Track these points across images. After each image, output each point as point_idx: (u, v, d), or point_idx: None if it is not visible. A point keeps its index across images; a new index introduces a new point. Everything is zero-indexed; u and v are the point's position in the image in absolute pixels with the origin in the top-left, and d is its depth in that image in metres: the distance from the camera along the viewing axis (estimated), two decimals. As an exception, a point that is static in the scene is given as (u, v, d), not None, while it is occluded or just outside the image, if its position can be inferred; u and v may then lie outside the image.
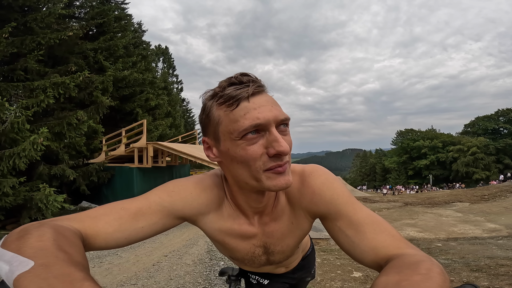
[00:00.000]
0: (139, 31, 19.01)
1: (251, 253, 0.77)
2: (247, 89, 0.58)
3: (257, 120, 0.56)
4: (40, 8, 9.45)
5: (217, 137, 0.62)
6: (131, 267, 4.17)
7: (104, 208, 0.60)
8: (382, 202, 15.97)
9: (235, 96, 0.58)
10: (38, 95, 7.84)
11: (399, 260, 0.51)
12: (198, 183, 0.69)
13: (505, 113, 46.63)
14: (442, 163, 47.85)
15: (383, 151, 65.18)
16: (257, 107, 0.57)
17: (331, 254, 5.15)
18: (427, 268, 0.46)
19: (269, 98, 0.61)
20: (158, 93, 17.25)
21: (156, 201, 0.63)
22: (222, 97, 0.59)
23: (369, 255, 0.59)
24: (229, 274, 1.23)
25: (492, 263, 4.10)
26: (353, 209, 0.64)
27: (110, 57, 12.72)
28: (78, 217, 0.56)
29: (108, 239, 0.57)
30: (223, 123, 0.59)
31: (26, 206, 7.20)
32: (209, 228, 0.73)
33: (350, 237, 0.62)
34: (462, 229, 8.70)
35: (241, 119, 0.57)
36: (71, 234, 0.48)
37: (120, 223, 0.58)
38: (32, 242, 0.41)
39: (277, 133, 0.57)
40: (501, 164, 43.22)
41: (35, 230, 0.44)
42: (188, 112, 34.45)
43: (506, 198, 13.04)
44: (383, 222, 0.63)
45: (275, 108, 0.59)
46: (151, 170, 11.20)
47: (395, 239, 0.59)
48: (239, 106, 0.58)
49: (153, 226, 0.63)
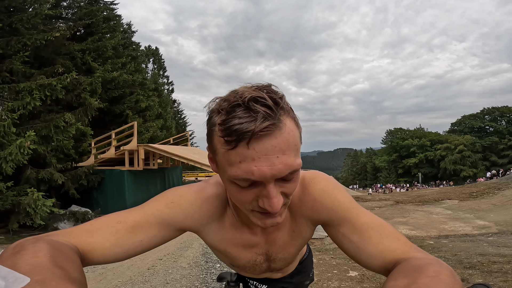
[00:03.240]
0: (129, 32, 18.75)
1: (253, 261, 0.75)
2: (252, 127, 0.44)
3: (251, 176, 0.47)
4: (26, 8, 9.23)
5: (215, 162, 0.55)
6: (126, 271, 4.08)
7: (101, 221, 0.57)
8: (373, 200, 16.16)
9: (234, 133, 0.46)
10: (24, 97, 7.65)
11: (406, 264, 0.50)
12: (199, 192, 0.66)
13: (491, 112, 48.01)
14: (431, 161, 48.87)
15: (374, 150, 66.15)
16: (256, 158, 0.46)
17: (326, 254, 5.16)
18: (435, 271, 0.45)
19: (280, 141, 0.47)
20: (149, 94, 17.05)
21: (154, 214, 0.60)
22: (222, 124, 0.48)
23: (376, 260, 0.58)
24: (228, 280, 1.20)
25: (484, 260, 4.18)
26: (356, 214, 0.63)
27: (98, 58, 12.51)
28: (74, 232, 0.54)
29: (106, 254, 0.55)
30: (218, 156, 0.52)
31: (14, 211, 7.03)
32: (211, 239, 0.71)
33: (355, 243, 0.61)
34: (452, 227, 8.87)
35: (234, 166, 0.48)
36: (68, 250, 0.47)
37: (117, 237, 0.56)
38: (28, 258, 0.40)
39: (272, 191, 0.49)
40: (487, 162, 44.40)
41: (31, 246, 0.43)
42: (179, 113, 34.22)
43: (494, 195, 13.35)
44: (387, 226, 0.62)
45: (281, 159, 0.47)
46: (142, 173, 11.05)
47: (401, 243, 0.58)
48: (236, 149, 0.47)
49: (152, 239, 0.60)
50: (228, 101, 0.48)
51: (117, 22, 15.25)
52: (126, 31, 17.91)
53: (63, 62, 10.29)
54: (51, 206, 7.05)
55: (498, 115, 47.13)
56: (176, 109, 33.27)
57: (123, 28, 17.10)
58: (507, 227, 8.11)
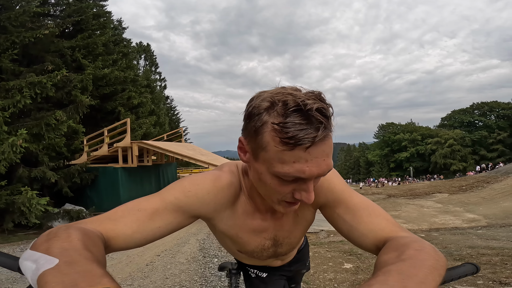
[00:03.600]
0: (119, 29, 18.43)
1: (261, 245, 0.80)
2: (313, 135, 0.49)
3: (302, 175, 0.53)
4: (14, 6, 9.02)
5: (256, 155, 0.58)
6: (125, 268, 4.11)
7: (122, 209, 0.61)
8: (367, 194, 16.39)
9: (294, 138, 0.49)
10: (14, 95, 7.50)
11: (395, 241, 0.56)
12: (215, 181, 0.69)
13: (480, 107, 48.78)
14: (422, 155, 49.61)
15: (366, 145, 66.74)
16: (309, 160, 0.51)
17: (322, 247, 5.26)
18: (420, 246, 0.51)
19: (327, 146, 0.53)
20: (141, 91, 16.84)
21: (172, 202, 0.64)
22: (281, 126, 0.51)
23: (367, 238, 0.64)
24: (229, 268, 1.26)
25: (473, 253, 4.30)
26: (349, 195, 0.69)
27: (88, 55, 12.27)
28: (100, 219, 0.58)
29: (128, 241, 0.59)
30: (268, 153, 0.54)
31: (9, 211, 6.92)
32: (224, 225, 0.74)
33: (348, 222, 0.67)
34: (443, 220, 9.08)
35: (287, 165, 0.52)
36: (94, 236, 0.50)
37: (138, 224, 0.59)
38: (59, 243, 0.43)
39: (311, 187, 0.56)
40: (477, 156, 45.24)
41: (63, 232, 0.46)
42: (172, 109, 33.90)
43: (483, 188, 13.65)
44: (377, 207, 0.68)
45: (327, 161, 0.54)
46: (136, 170, 10.98)
47: (389, 223, 0.64)
48: (292, 151, 0.51)
49: (169, 226, 0.64)
50: (284, 103, 0.52)
51: (107, 19, 14.95)
52: (116, 27, 17.59)
53: (52, 60, 10.08)
54: (45, 204, 6.97)
55: (487, 110, 47.92)
56: (169, 105, 32.95)
57: (113, 25, 16.77)
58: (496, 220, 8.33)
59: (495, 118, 47.85)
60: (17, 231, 7.65)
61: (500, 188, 12.48)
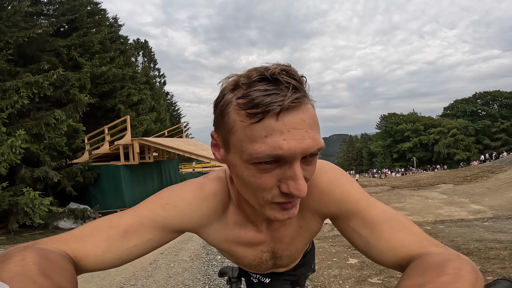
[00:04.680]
0: (115, 26, 18.24)
1: (259, 258, 0.71)
2: (281, 99, 0.41)
3: (279, 151, 0.42)
4: (5, 6, 8.98)
5: (226, 144, 0.50)
6: (128, 267, 4.09)
7: (91, 227, 0.54)
8: (370, 186, 16.33)
9: (261, 105, 0.42)
10: (12, 96, 7.49)
11: (422, 260, 0.47)
12: (198, 191, 0.60)
13: (482, 96, 48.47)
14: (425, 145, 49.40)
15: (369, 136, 66.51)
16: (285, 131, 0.42)
17: (326, 241, 5.20)
18: (455, 267, 0.41)
19: (307, 116, 0.44)
20: (140, 88, 16.75)
21: (148, 216, 0.56)
22: (245, 97, 0.44)
23: (388, 256, 0.54)
24: (230, 276, 1.18)
25: (481, 246, 4.20)
26: (367, 206, 0.58)
27: (85, 53, 12.21)
28: (64, 238, 0.52)
29: (99, 261, 0.52)
30: (236, 134, 0.46)
31: (13, 211, 7.00)
32: (213, 239, 0.66)
33: (365, 238, 0.57)
34: (448, 211, 8.99)
35: (258, 141, 0.43)
36: (57, 257, 0.45)
37: (109, 243, 0.52)
38: (10, 266, 0.39)
39: (298, 171, 0.45)
40: (480, 145, 45.06)
41: (17, 254, 0.41)
42: (173, 105, 33.94)
43: (488, 178, 13.53)
44: (402, 218, 0.57)
45: (310, 134, 0.44)
46: (138, 167, 11.00)
47: (416, 237, 0.53)
48: (262, 122, 0.42)
49: (147, 243, 0.56)
50: (248, 74, 0.46)
51: (103, 16, 14.85)
52: (112, 25, 17.40)
53: (48, 59, 10.05)
54: (49, 204, 6.99)
55: (490, 99, 47.63)
56: (169, 101, 32.94)
57: (109, 22, 16.63)
58: (502, 211, 8.23)
59: (498, 107, 47.50)
60: (23, 231, 7.70)
61: (505, 178, 12.35)
